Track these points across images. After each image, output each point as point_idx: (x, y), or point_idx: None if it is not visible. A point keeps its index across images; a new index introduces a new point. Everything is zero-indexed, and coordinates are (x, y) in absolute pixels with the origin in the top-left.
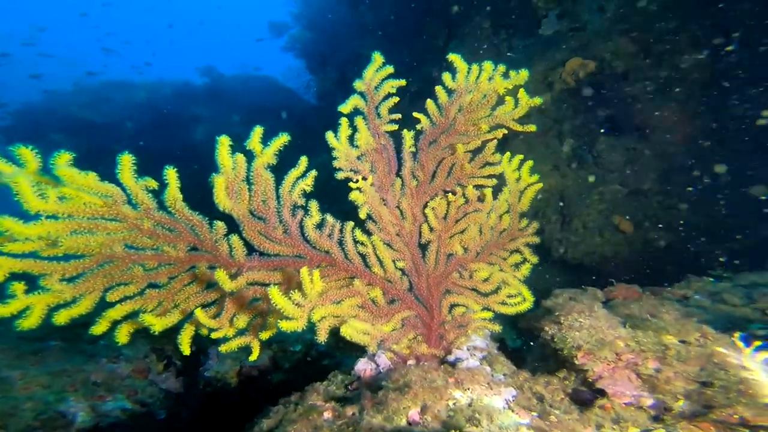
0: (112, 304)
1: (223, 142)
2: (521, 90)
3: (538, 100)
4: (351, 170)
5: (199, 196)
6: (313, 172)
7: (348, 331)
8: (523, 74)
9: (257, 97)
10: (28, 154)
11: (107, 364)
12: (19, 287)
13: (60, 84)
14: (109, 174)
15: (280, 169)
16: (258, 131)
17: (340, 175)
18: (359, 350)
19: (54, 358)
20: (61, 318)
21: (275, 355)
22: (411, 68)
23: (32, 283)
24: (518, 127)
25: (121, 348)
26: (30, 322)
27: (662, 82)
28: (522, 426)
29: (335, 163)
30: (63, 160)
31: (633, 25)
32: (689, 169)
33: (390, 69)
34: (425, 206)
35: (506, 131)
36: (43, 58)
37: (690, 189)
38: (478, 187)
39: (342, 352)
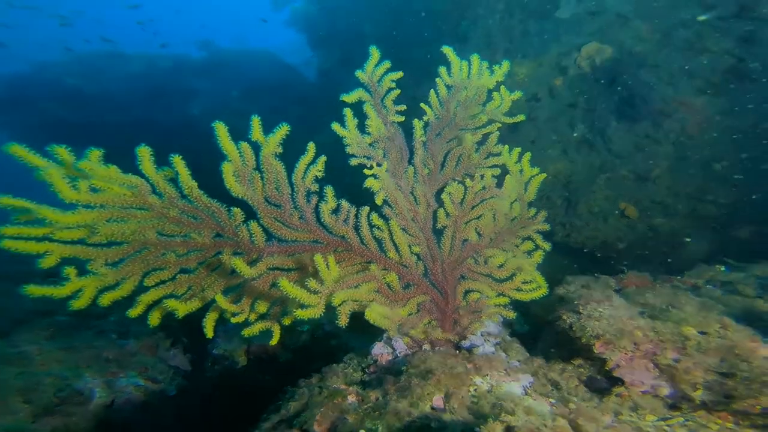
0: (140, 290)
1: (221, 129)
2: (502, 87)
3: (518, 94)
4: (364, 156)
5: (202, 175)
6: (323, 158)
7: (371, 315)
8: (505, 67)
9: (257, 72)
10: (63, 152)
11: (117, 340)
12: (72, 271)
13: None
14: (105, 147)
15: (286, 147)
16: (256, 122)
17: (354, 162)
18: (366, 332)
19: (64, 334)
20: (105, 300)
21: (282, 335)
22: (424, 48)
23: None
24: (507, 120)
25: (129, 324)
26: (81, 303)
27: (681, 71)
28: (557, 416)
29: (348, 150)
30: (93, 157)
31: (655, 10)
32: (702, 159)
33: (388, 64)
34: (437, 194)
35: (500, 125)
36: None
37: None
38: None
39: (348, 333)
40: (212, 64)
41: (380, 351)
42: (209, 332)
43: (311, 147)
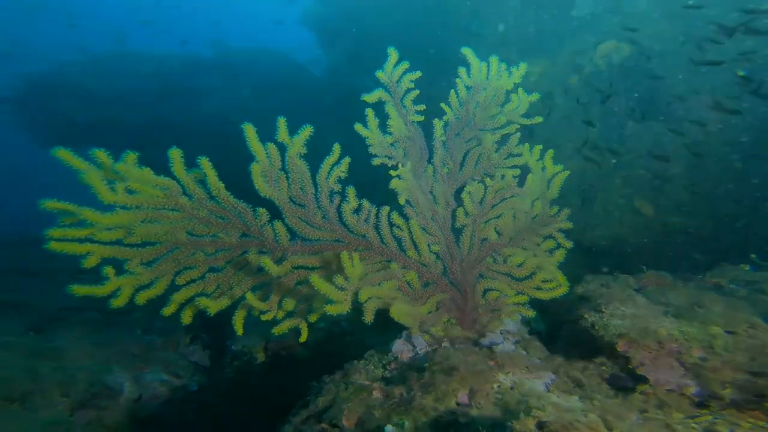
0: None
1: (250, 131)
2: (520, 89)
3: (535, 96)
4: (386, 156)
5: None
6: (347, 159)
7: (396, 313)
8: (522, 68)
9: (267, 71)
10: (102, 156)
11: (143, 336)
12: (111, 270)
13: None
14: (121, 146)
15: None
16: (282, 123)
17: (376, 161)
18: (382, 329)
19: (94, 329)
20: (141, 299)
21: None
22: (436, 46)
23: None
24: (525, 122)
25: (153, 320)
26: (120, 301)
27: (698, 70)
28: (587, 412)
29: (371, 150)
30: (129, 159)
31: (673, 9)
32: (721, 157)
33: (406, 64)
34: (457, 193)
35: (518, 126)
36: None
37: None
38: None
39: (364, 330)
40: (223, 64)
41: (401, 348)
42: (239, 329)
43: (336, 148)
